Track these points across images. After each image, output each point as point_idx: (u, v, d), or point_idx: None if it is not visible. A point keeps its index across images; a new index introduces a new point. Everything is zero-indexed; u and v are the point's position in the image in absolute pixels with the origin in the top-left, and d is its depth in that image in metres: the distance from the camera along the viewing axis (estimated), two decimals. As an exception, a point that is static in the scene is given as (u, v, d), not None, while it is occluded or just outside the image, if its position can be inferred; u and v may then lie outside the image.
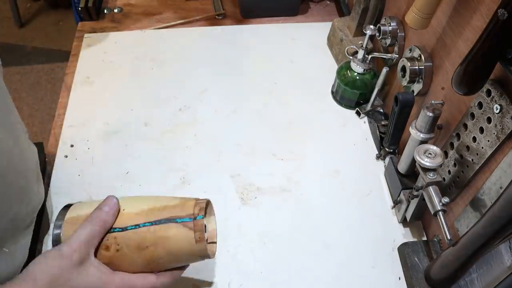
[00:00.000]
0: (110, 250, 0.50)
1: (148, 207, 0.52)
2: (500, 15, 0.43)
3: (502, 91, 0.51)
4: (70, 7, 2.25)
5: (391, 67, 0.80)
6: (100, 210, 0.50)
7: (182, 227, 0.50)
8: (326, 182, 0.79)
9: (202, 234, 0.50)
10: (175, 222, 0.50)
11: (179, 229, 0.50)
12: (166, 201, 0.53)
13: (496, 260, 0.51)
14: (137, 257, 0.51)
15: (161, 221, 0.50)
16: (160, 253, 0.51)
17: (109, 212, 0.50)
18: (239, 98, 0.90)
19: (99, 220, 0.49)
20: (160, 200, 0.53)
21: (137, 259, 0.51)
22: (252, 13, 1.06)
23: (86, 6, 1.02)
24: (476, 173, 0.58)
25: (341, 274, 0.68)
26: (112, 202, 0.51)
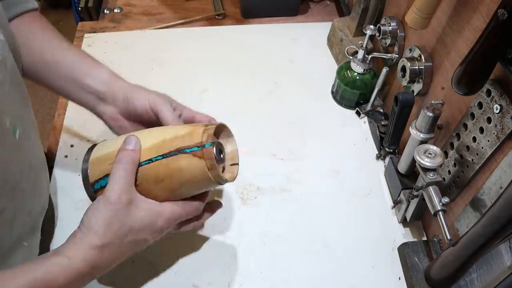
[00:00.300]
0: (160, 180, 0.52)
1: (159, 139, 0.52)
2: (500, 15, 0.43)
3: (502, 91, 0.51)
4: (70, 7, 2.25)
5: (391, 67, 0.80)
6: (125, 150, 0.51)
7: (192, 157, 0.50)
8: (326, 182, 0.79)
9: (213, 161, 0.50)
10: (184, 153, 0.50)
11: (190, 159, 0.50)
12: (176, 131, 0.53)
13: (496, 260, 0.51)
14: (157, 189, 0.52)
15: (172, 153, 0.51)
16: (176, 184, 0.52)
17: (135, 149, 0.52)
18: (239, 98, 0.90)
19: (128, 158, 0.51)
20: (171, 130, 0.54)
21: (158, 191, 0.52)
22: (252, 13, 1.06)
23: (86, 6, 1.02)
24: (476, 173, 0.58)
25: (341, 274, 0.68)
26: (134, 141, 0.52)
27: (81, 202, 0.73)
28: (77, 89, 0.62)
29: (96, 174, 0.54)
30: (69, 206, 0.73)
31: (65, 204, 0.73)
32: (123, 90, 0.61)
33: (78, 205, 0.73)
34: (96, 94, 0.61)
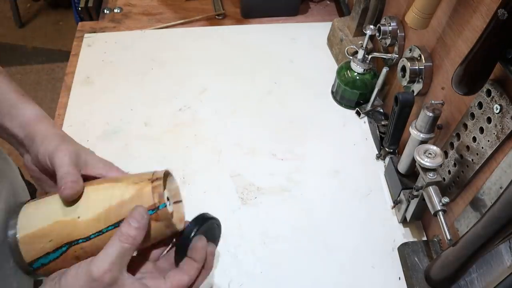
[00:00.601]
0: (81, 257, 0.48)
1: (104, 208, 0.47)
2: (500, 15, 0.43)
3: (502, 91, 0.51)
4: (70, 7, 2.25)
5: (391, 67, 0.80)
6: (128, 226, 0.45)
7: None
8: (326, 182, 0.79)
9: (170, 220, 0.47)
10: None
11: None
12: (121, 194, 0.48)
13: (496, 260, 0.51)
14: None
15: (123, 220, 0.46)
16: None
17: (139, 227, 0.45)
18: (239, 98, 0.90)
19: (128, 237, 0.44)
20: (114, 194, 0.48)
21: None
22: (252, 13, 1.06)
23: (86, 6, 1.02)
24: (476, 173, 0.58)
25: (341, 274, 0.68)
26: (140, 216, 0.46)
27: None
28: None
29: (33, 254, 0.47)
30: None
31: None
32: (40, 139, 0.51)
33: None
34: (15, 138, 0.53)
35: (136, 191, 0.47)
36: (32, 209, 0.49)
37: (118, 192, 0.48)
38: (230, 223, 0.72)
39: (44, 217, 0.48)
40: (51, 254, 0.47)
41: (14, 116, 0.53)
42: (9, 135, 0.53)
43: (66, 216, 0.48)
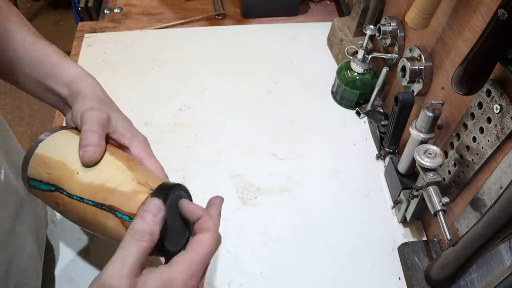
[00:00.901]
0: (59, 207, 0.49)
1: (99, 182, 0.47)
2: (500, 15, 0.43)
3: (502, 91, 0.51)
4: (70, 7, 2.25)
5: (391, 67, 0.80)
6: (143, 220, 0.41)
7: (119, 223, 0.45)
8: (326, 182, 0.79)
9: None
10: (114, 215, 0.46)
11: (116, 224, 0.46)
12: (120, 182, 0.47)
13: (496, 260, 0.51)
14: (79, 224, 0.50)
15: (103, 207, 0.46)
16: (99, 233, 0.49)
17: (155, 220, 0.41)
18: (239, 98, 0.90)
19: (145, 234, 0.40)
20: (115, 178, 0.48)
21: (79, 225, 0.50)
22: (252, 13, 1.06)
23: (86, 6, 1.02)
24: (476, 173, 0.58)
25: (341, 274, 0.68)
26: (156, 208, 0.42)
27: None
28: (42, 91, 0.55)
29: (33, 173, 0.49)
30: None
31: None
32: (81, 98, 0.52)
33: (78, 205, 0.73)
34: (60, 97, 0.54)
35: (132, 190, 0.47)
36: (62, 138, 0.51)
37: (120, 179, 0.48)
38: (230, 223, 0.72)
39: (59, 150, 0.50)
40: (42, 185, 0.49)
41: (59, 76, 0.54)
42: (54, 95, 0.54)
43: (71, 164, 0.49)
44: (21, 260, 0.52)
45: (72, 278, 0.66)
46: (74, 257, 0.68)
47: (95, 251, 0.68)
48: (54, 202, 0.49)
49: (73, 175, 0.48)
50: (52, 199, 0.49)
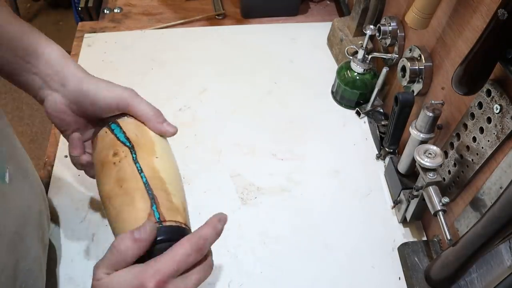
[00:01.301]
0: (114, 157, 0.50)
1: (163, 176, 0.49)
2: (500, 15, 0.43)
3: (502, 91, 0.51)
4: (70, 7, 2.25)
5: (391, 67, 0.80)
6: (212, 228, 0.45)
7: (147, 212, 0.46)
8: (326, 182, 0.79)
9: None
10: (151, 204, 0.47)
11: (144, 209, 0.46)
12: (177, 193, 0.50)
13: (496, 260, 0.51)
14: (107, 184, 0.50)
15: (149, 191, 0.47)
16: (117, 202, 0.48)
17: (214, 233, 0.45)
18: (239, 98, 0.90)
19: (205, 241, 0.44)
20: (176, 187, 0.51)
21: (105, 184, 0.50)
22: (252, 13, 1.06)
23: (86, 6, 1.02)
24: (476, 173, 0.58)
25: (341, 274, 0.68)
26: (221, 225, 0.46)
27: (81, 202, 0.73)
28: (18, 68, 0.52)
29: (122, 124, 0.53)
30: (69, 206, 0.73)
31: (64, 204, 0.73)
32: (77, 79, 0.52)
33: (77, 205, 0.73)
34: (40, 76, 0.52)
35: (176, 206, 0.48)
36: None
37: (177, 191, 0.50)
38: (230, 223, 0.72)
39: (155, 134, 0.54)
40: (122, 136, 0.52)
41: (42, 54, 0.52)
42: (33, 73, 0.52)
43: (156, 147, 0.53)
44: (26, 261, 0.52)
45: (72, 278, 0.66)
46: (74, 257, 0.68)
47: (95, 251, 0.68)
48: (114, 152, 0.50)
49: (153, 155, 0.51)
50: (117, 148, 0.51)
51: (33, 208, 0.56)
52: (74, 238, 0.69)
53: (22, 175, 0.54)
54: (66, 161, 0.78)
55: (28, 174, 0.56)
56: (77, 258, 0.68)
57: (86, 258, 0.68)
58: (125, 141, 0.51)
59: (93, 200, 0.74)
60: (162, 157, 0.52)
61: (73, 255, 0.68)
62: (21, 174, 0.54)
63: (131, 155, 0.50)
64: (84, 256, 0.68)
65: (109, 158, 0.50)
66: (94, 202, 0.74)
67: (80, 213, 0.72)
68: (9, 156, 0.51)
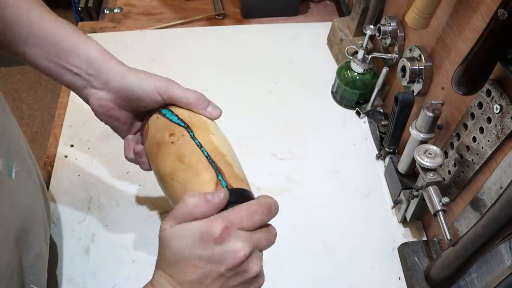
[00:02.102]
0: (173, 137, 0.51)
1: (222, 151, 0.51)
2: (500, 15, 0.43)
3: (502, 91, 0.51)
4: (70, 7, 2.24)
5: (391, 67, 0.80)
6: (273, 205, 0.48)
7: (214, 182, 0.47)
8: (326, 182, 0.79)
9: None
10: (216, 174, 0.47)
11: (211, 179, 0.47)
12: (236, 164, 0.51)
13: (496, 260, 0.51)
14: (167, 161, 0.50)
15: (213, 163, 0.48)
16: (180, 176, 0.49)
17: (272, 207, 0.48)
18: (239, 98, 0.90)
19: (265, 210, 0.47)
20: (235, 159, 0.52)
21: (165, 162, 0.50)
22: (252, 13, 1.06)
23: (86, 6, 1.02)
24: (476, 173, 0.58)
25: (341, 274, 0.68)
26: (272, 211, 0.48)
27: (81, 202, 0.73)
28: (60, 69, 0.53)
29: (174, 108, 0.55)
30: (69, 206, 0.73)
31: (65, 204, 0.73)
32: (118, 73, 0.54)
33: (77, 205, 0.73)
34: (83, 75, 0.53)
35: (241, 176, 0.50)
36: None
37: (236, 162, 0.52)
38: (230, 223, 0.72)
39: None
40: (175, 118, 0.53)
41: (82, 53, 0.53)
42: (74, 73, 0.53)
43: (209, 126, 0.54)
44: (29, 257, 0.53)
45: (72, 278, 0.66)
46: (74, 257, 0.68)
47: (95, 251, 0.68)
48: (170, 133, 0.51)
49: (208, 133, 0.53)
50: (172, 129, 0.52)
51: (37, 204, 0.57)
52: (74, 238, 0.69)
53: (27, 171, 0.54)
54: (66, 161, 0.79)
55: (32, 171, 0.56)
56: (77, 258, 0.68)
57: (86, 258, 0.68)
58: (180, 122, 0.53)
59: (93, 200, 0.74)
60: (217, 134, 0.54)
61: (73, 255, 0.68)
62: (26, 171, 0.54)
63: (188, 133, 0.51)
64: (84, 256, 0.68)
65: (165, 139, 0.51)
66: (94, 202, 0.74)
67: (80, 213, 0.72)
68: (15, 153, 0.52)
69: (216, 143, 0.52)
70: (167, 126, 0.53)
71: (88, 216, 0.72)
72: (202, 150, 0.49)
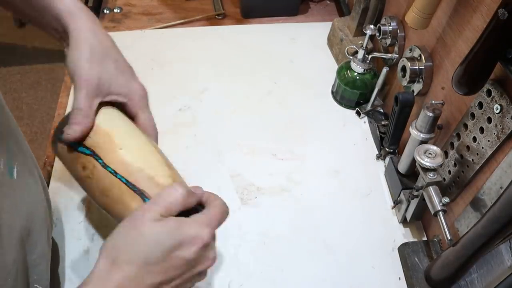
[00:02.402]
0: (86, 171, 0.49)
1: (139, 165, 0.48)
2: (501, 15, 0.43)
3: (502, 91, 0.51)
4: (70, 7, 2.25)
5: (391, 67, 0.80)
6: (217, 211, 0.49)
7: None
8: (326, 182, 0.79)
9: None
10: (142, 199, 0.47)
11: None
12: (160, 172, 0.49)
13: (496, 260, 0.51)
14: (96, 196, 0.50)
15: (134, 188, 0.47)
16: (115, 210, 0.49)
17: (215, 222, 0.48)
18: (239, 98, 0.90)
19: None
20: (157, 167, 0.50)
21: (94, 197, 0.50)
22: (252, 13, 1.06)
23: (86, 6, 1.02)
24: (476, 173, 0.58)
25: (341, 274, 0.68)
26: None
27: (81, 202, 0.73)
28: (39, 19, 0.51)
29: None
30: (69, 206, 0.73)
31: (65, 204, 0.73)
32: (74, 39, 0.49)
33: (78, 205, 0.73)
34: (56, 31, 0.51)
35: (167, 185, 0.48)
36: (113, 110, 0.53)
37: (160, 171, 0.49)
38: (230, 223, 0.72)
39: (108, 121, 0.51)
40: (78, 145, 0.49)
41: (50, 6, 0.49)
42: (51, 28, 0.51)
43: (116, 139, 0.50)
44: (33, 256, 0.53)
45: (72, 279, 0.65)
46: (74, 257, 0.68)
47: (95, 251, 0.68)
48: (82, 166, 0.49)
49: (116, 149, 0.49)
50: (82, 161, 0.49)
51: (39, 204, 0.57)
52: (73, 238, 0.69)
53: (28, 171, 0.54)
54: (66, 161, 0.78)
55: (33, 171, 0.56)
56: (77, 258, 0.68)
57: (86, 258, 0.67)
58: (84, 150, 0.50)
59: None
60: (125, 143, 0.50)
61: (73, 255, 0.68)
62: (27, 171, 0.54)
63: (97, 162, 0.49)
64: (84, 256, 0.68)
65: (81, 174, 0.50)
66: (94, 202, 0.73)
67: (80, 213, 0.72)
68: (16, 152, 0.52)
69: (128, 159, 0.49)
70: (74, 158, 0.50)
71: (88, 216, 0.72)
72: (119, 177, 0.48)
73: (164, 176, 0.49)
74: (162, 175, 0.49)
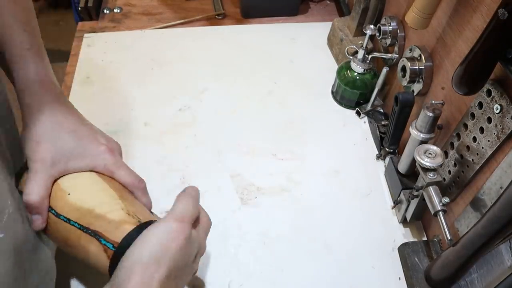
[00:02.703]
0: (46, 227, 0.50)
1: (88, 206, 0.48)
2: (501, 15, 0.43)
3: (502, 91, 0.51)
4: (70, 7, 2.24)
5: (391, 67, 0.80)
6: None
7: (102, 250, 0.46)
8: (326, 182, 0.78)
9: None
10: (98, 241, 0.46)
11: (99, 251, 0.46)
12: (110, 208, 0.48)
13: (496, 260, 0.51)
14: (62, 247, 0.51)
15: (88, 231, 0.47)
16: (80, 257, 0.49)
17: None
18: (239, 98, 0.90)
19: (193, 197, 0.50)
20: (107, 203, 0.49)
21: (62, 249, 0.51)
22: (252, 13, 1.06)
23: (86, 6, 1.02)
24: (476, 173, 0.58)
25: (341, 274, 0.68)
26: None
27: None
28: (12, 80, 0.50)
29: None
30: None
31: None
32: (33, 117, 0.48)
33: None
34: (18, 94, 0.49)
35: (118, 220, 0.47)
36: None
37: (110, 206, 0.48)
38: (230, 223, 0.72)
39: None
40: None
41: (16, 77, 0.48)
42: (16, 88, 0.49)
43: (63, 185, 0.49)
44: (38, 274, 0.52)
45: (71, 279, 0.65)
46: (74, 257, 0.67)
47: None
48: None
49: (64, 195, 0.49)
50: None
51: None
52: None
53: None
54: (66, 161, 0.78)
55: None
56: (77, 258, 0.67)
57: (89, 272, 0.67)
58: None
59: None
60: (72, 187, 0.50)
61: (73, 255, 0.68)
62: None
63: (51, 212, 0.49)
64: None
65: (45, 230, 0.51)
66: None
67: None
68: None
69: (77, 203, 0.49)
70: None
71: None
72: (72, 223, 0.48)
73: (117, 210, 0.48)
74: (115, 209, 0.48)
